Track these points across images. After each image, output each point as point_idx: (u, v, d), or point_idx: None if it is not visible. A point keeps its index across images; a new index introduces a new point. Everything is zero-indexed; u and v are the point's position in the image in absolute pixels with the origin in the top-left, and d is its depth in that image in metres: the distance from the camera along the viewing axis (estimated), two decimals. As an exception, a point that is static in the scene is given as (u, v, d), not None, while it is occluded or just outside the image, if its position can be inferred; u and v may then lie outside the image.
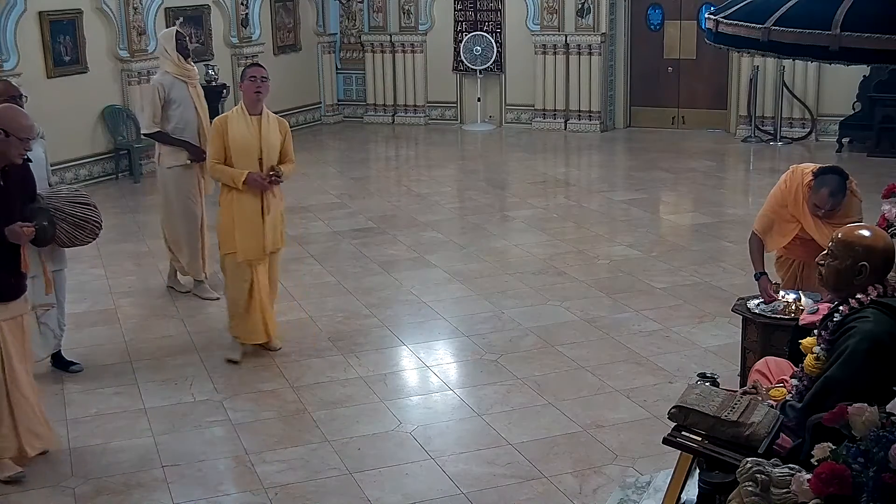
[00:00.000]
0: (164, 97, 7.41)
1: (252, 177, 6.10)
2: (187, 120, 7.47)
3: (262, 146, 6.15)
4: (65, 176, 11.01)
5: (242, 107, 6.18)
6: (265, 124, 6.19)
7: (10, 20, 10.58)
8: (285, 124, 6.37)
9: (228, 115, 6.23)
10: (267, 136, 6.17)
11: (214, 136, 6.20)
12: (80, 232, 5.63)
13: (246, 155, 6.13)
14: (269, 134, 6.19)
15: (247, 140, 6.13)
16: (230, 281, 6.37)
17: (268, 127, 6.20)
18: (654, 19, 14.30)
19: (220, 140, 6.14)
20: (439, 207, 10.44)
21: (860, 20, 3.04)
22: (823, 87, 13.17)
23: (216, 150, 6.16)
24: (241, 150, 6.12)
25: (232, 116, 6.18)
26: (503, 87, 14.95)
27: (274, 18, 14.68)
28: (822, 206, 5.25)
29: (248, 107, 6.16)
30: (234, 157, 6.13)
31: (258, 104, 6.15)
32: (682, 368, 6.08)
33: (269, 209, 6.23)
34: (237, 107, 6.22)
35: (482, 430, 5.39)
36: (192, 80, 7.54)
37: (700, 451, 3.70)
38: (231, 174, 6.12)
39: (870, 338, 3.41)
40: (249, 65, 6.45)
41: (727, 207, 10.34)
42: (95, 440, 5.38)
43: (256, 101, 6.13)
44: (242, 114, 6.16)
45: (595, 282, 7.81)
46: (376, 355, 6.48)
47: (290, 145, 6.35)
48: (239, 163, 6.13)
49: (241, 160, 6.13)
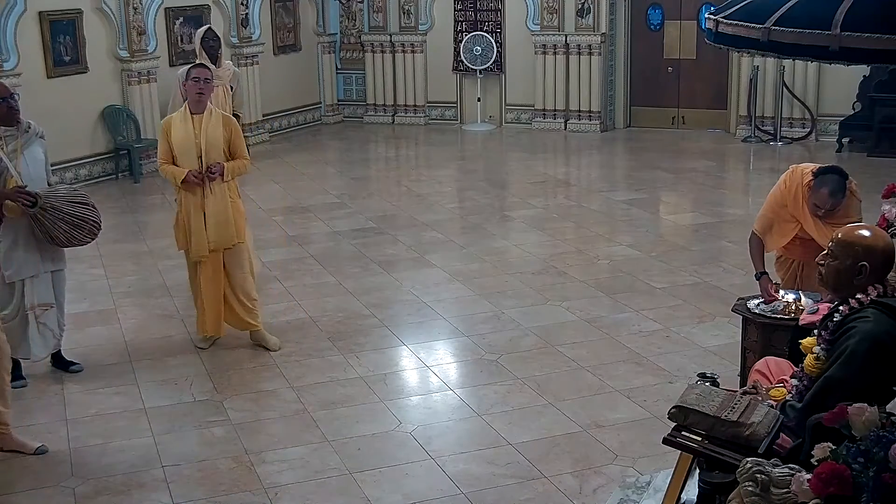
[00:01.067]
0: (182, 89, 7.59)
1: (188, 175, 6.25)
2: None
3: (202, 144, 6.27)
4: (65, 176, 11.00)
5: (186, 107, 6.37)
6: (206, 122, 6.31)
7: (10, 20, 10.58)
8: (231, 120, 6.51)
9: (173, 116, 6.43)
10: (207, 135, 6.28)
11: (161, 137, 6.41)
12: (79, 231, 5.63)
13: (187, 154, 6.29)
14: (210, 132, 6.30)
15: (186, 139, 6.29)
16: (190, 277, 6.67)
17: (209, 125, 6.31)
18: (654, 19, 14.30)
19: (165, 141, 6.34)
20: (439, 207, 10.44)
21: (860, 20, 3.04)
22: (823, 87, 13.16)
23: (163, 150, 6.37)
24: (182, 150, 6.29)
25: (175, 117, 6.38)
26: (503, 87, 14.95)
27: (274, 18, 14.68)
28: (821, 206, 5.25)
29: (190, 106, 6.33)
30: (178, 156, 6.31)
31: (200, 104, 6.30)
32: (682, 368, 6.08)
33: (209, 207, 6.31)
34: (182, 108, 6.41)
35: (482, 430, 5.39)
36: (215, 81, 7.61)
37: (700, 451, 3.70)
38: (173, 173, 6.32)
39: (870, 338, 3.41)
40: (195, 64, 6.68)
41: (727, 207, 10.34)
42: (95, 440, 5.38)
43: (198, 101, 6.29)
44: (185, 113, 6.34)
45: (595, 282, 7.81)
46: (376, 355, 6.48)
47: (238, 141, 6.46)
48: (182, 162, 6.31)
49: (183, 159, 6.30)
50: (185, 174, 6.24)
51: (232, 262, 6.51)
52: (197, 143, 6.27)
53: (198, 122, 6.31)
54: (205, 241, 6.35)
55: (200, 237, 6.35)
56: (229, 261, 6.50)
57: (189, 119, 6.31)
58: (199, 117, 6.31)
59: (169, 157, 6.34)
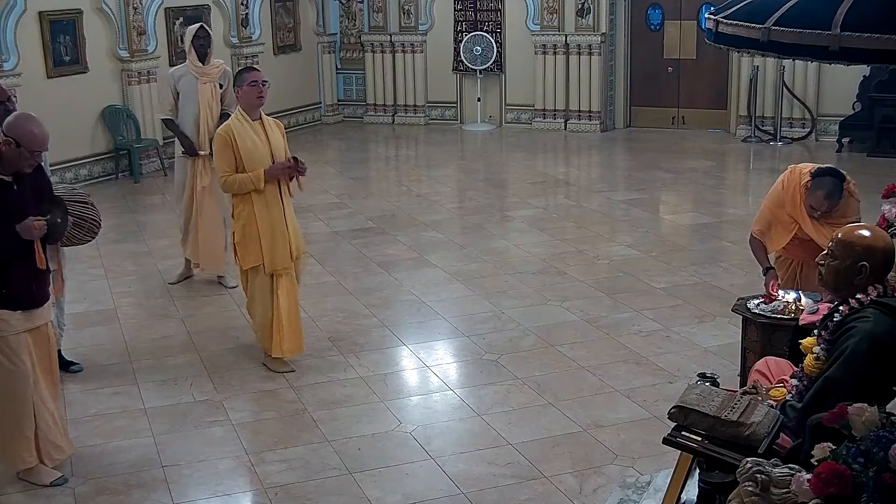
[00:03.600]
0: (174, 87, 7.77)
1: (272, 168, 5.91)
2: (187, 114, 7.74)
3: (273, 151, 6.00)
4: (65, 176, 11.01)
5: (242, 113, 5.99)
6: (269, 128, 6.06)
7: (10, 20, 10.58)
8: (282, 126, 6.28)
9: (231, 124, 5.96)
10: (274, 140, 6.04)
11: (223, 147, 5.92)
12: (78, 231, 5.62)
13: (259, 162, 5.91)
14: (275, 137, 6.06)
15: (258, 147, 5.94)
16: (259, 297, 6.10)
17: (272, 130, 6.07)
18: (654, 19, 14.30)
19: (230, 151, 5.90)
20: (439, 207, 10.44)
21: (860, 20, 3.04)
22: (823, 87, 13.16)
23: (227, 161, 5.91)
24: (253, 158, 5.91)
25: (236, 126, 5.94)
26: (503, 87, 14.95)
27: (274, 18, 14.68)
28: (818, 208, 5.27)
29: (248, 112, 5.98)
30: (248, 166, 5.90)
31: (258, 110, 6.02)
32: (682, 368, 6.08)
33: (288, 212, 6.08)
34: (235, 114, 6.04)
35: (482, 430, 5.39)
36: (202, 78, 7.72)
37: (700, 451, 3.70)
38: (249, 178, 5.89)
39: (870, 338, 3.41)
40: (247, 68, 6.29)
41: (727, 207, 10.34)
42: (95, 440, 5.38)
43: (258, 106, 5.99)
44: (245, 121, 5.96)
45: (595, 282, 7.81)
46: (376, 355, 6.48)
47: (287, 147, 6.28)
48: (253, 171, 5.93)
49: (254, 168, 5.91)
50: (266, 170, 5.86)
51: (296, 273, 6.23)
52: (269, 151, 5.96)
53: (260, 128, 5.99)
54: (288, 249, 6.05)
55: (285, 246, 6.02)
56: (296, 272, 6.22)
57: (252, 126, 5.96)
58: (259, 123, 5.99)
59: (234, 167, 5.90)
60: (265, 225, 5.97)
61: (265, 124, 6.05)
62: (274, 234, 5.99)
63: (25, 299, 4.74)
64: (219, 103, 7.77)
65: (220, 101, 7.81)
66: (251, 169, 5.90)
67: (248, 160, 5.90)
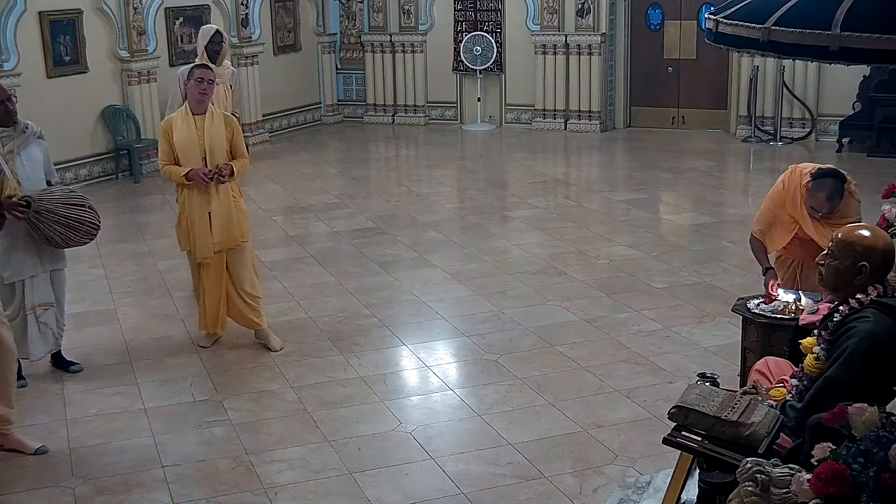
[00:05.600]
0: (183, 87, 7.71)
1: (193, 171, 6.21)
2: None
3: (206, 145, 6.25)
4: (65, 176, 11.00)
5: (187, 107, 6.30)
6: (209, 123, 6.28)
7: (10, 20, 10.58)
8: (232, 120, 6.49)
9: (174, 116, 6.37)
10: (211, 135, 6.25)
11: (161, 138, 6.35)
12: (75, 233, 5.62)
13: (190, 155, 6.26)
14: (213, 132, 6.27)
15: (190, 140, 6.24)
16: (192, 276, 6.65)
17: (211, 125, 6.28)
18: (654, 19, 14.30)
19: (166, 142, 6.29)
20: (439, 207, 10.44)
21: (860, 20, 3.04)
22: (823, 87, 13.16)
23: (164, 151, 6.32)
24: (185, 151, 6.25)
25: (176, 118, 6.32)
26: (503, 87, 14.94)
27: (274, 18, 14.68)
28: (818, 210, 5.28)
29: (192, 107, 6.29)
30: (180, 157, 6.27)
31: (202, 104, 6.26)
32: (682, 368, 6.08)
33: (214, 208, 6.30)
34: (182, 108, 6.36)
35: (482, 430, 5.39)
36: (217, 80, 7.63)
37: (700, 451, 3.70)
38: (177, 172, 6.26)
39: (870, 338, 3.41)
40: (197, 65, 6.61)
41: (727, 207, 10.34)
42: (95, 440, 5.38)
43: (200, 101, 6.25)
44: (187, 114, 6.29)
45: (595, 282, 7.81)
46: (376, 355, 6.48)
47: (239, 141, 6.45)
48: (185, 163, 6.26)
49: (186, 160, 6.26)
50: (189, 172, 6.19)
51: (236, 261, 6.49)
52: (201, 144, 6.25)
53: (200, 122, 6.27)
54: (210, 242, 6.32)
55: (205, 239, 6.32)
56: (233, 260, 6.47)
57: (191, 119, 6.27)
58: (200, 118, 6.28)
59: (170, 157, 6.29)
60: (191, 216, 6.35)
61: (207, 119, 6.28)
62: (196, 226, 6.33)
63: None
64: (230, 105, 7.78)
65: None
66: (182, 160, 6.27)
67: (180, 152, 6.26)
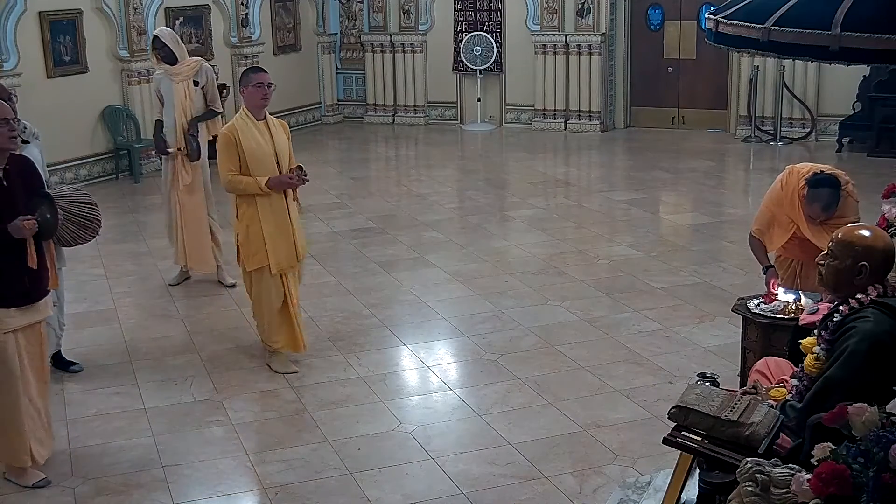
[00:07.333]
0: (158, 91, 7.90)
1: (276, 179, 5.90)
2: (167, 114, 7.83)
3: (277, 152, 5.98)
4: (65, 176, 11.01)
5: (247, 113, 5.95)
6: (273, 129, 6.04)
7: (10, 20, 10.58)
8: (286, 126, 6.24)
9: (235, 124, 5.94)
10: (278, 140, 6.02)
11: (227, 147, 5.90)
12: (84, 231, 5.61)
13: (263, 163, 5.91)
14: (279, 138, 6.04)
15: (262, 147, 5.91)
16: (265, 296, 6.10)
17: (276, 131, 6.05)
18: (654, 19, 14.30)
19: (234, 150, 5.88)
20: (439, 207, 10.44)
21: (860, 20, 3.04)
22: (823, 87, 13.16)
23: (231, 161, 5.89)
24: (258, 159, 5.90)
25: (240, 125, 5.92)
26: (503, 87, 14.94)
27: (274, 18, 14.68)
28: (816, 218, 5.31)
29: (252, 113, 5.95)
30: (252, 166, 5.89)
31: (262, 110, 6.00)
32: (682, 368, 6.08)
33: (293, 214, 6.10)
34: (240, 114, 6.00)
35: (482, 430, 5.39)
36: (175, 78, 7.72)
37: (700, 451, 3.70)
38: (252, 182, 5.87)
39: (870, 338, 3.42)
40: (253, 69, 6.22)
41: (727, 207, 10.34)
42: (95, 440, 5.38)
43: (262, 107, 5.98)
44: (250, 121, 5.94)
45: (595, 282, 7.81)
46: (376, 355, 6.48)
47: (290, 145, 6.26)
48: (257, 171, 5.90)
49: (258, 169, 5.90)
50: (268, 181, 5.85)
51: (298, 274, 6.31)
52: (273, 151, 5.94)
53: (264, 128, 5.97)
54: (293, 249, 6.08)
55: (290, 248, 6.05)
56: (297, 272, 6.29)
57: (256, 126, 5.93)
58: (264, 124, 5.96)
59: (237, 166, 5.88)
60: (270, 227, 5.98)
61: (270, 124, 6.04)
62: (279, 236, 6.01)
63: (18, 296, 4.73)
64: (192, 101, 7.73)
65: (204, 98, 7.79)
66: (255, 169, 5.90)
67: (251, 160, 5.89)
